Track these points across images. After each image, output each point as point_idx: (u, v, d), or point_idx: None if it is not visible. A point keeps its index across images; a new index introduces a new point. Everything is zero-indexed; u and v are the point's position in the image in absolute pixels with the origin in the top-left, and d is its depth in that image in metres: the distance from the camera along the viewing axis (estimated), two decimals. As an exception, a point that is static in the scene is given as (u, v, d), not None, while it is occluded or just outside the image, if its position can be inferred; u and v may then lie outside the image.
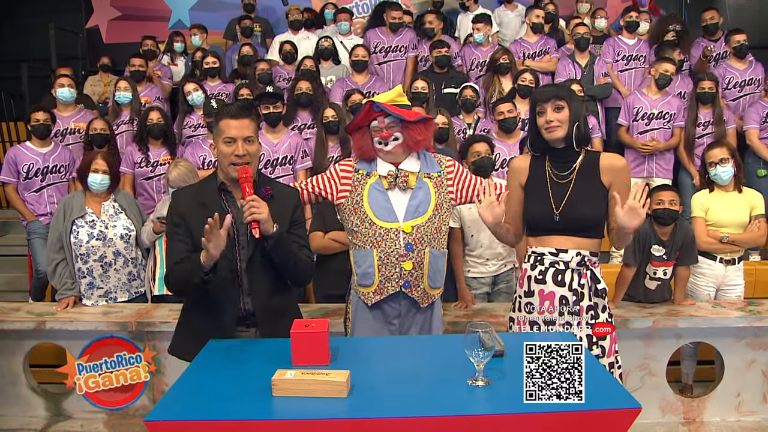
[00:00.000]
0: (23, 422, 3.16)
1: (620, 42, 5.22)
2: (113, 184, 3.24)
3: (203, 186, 2.16)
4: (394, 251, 2.22)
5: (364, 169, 2.32)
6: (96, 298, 3.20)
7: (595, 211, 2.13)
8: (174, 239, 2.08)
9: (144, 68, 5.23)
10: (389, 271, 2.24)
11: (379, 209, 2.25)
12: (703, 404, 3.09)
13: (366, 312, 2.31)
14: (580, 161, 2.16)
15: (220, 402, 1.56)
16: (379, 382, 1.65)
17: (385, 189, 2.27)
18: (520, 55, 5.33)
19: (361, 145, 2.32)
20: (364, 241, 2.27)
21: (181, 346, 2.18)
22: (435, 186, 2.30)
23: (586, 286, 2.13)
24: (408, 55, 5.46)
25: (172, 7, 7.43)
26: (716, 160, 3.32)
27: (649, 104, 4.60)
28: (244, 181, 1.97)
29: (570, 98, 2.14)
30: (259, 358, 1.83)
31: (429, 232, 2.25)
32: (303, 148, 4.25)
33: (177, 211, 2.07)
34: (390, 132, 2.23)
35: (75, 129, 4.58)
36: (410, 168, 2.29)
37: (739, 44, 4.88)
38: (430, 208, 2.27)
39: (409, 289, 2.26)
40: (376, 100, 2.25)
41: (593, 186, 2.13)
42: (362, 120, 2.30)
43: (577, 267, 2.13)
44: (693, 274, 3.38)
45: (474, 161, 3.23)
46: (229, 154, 2.01)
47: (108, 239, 3.16)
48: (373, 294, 2.27)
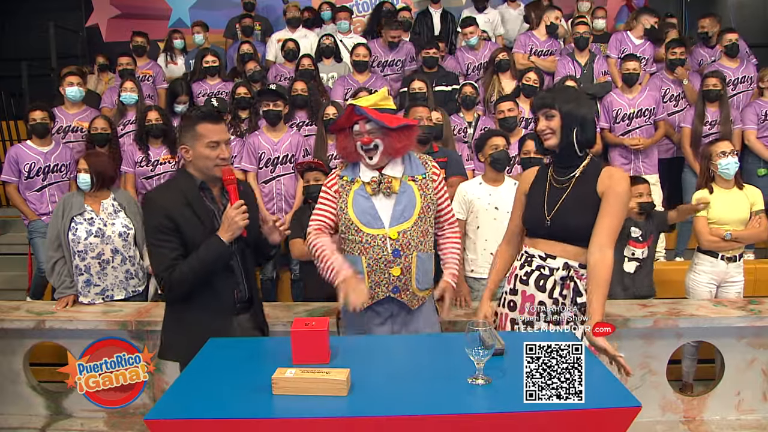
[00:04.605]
0: (23, 421, 3.16)
1: (627, 40, 5.22)
2: (99, 182, 3.20)
3: (178, 186, 2.20)
4: (382, 257, 2.21)
5: (348, 175, 2.30)
6: (93, 296, 3.20)
7: (583, 220, 2.08)
8: (162, 243, 2.11)
9: (132, 66, 5.23)
10: (378, 277, 2.23)
11: (364, 216, 2.23)
12: (703, 403, 3.09)
13: (357, 314, 2.28)
14: (581, 168, 2.12)
15: (220, 400, 1.56)
16: (379, 380, 1.65)
17: (369, 195, 2.25)
18: (528, 49, 5.32)
19: (344, 146, 2.29)
20: (352, 247, 2.26)
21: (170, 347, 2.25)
22: (420, 188, 2.27)
23: (568, 298, 2.10)
24: (406, 68, 5.45)
25: (172, 5, 7.43)
26: (720, 151, 3.32)
27: (627, 104, 4.61)
28: (230, 183, 2.14)
29: (564, 102, 2.09)
30: (259, 356, 1.83)
31: (416, 236, 2.23)
32: (304, 147, 4.25)
33: (164, 214, 2.11)
34: (371, 138, 2.19)
35: (77, 127, 4.58)
36: (394, 173, 2.25)
37: (730, 43, 4.88)
38: (416, 211, 2.23)
39: (398, 294, 2.25)
40: (358, 104, 2.20)
41: (587, 195, 2.09)
42: (344, 122, 2.27)
43: (561, 279, 2.10)
44: (694, 271, 3.40)
45: (492, 153, 3.22)
46: (215, 157, 2.14)
47: (106, 236, 3.16)
48: None
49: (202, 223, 2.14)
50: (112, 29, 7.49)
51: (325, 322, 1.78)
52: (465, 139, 4.47)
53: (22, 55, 6.80)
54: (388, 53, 5.43)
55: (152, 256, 2.17)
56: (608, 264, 2.00)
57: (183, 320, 2.21)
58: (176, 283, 2.10)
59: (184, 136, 2.18)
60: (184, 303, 2.20)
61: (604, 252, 2.01)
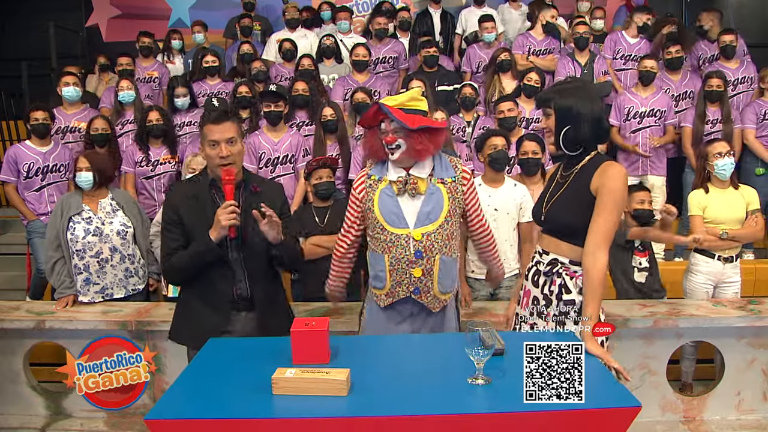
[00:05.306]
0: (23, 421, 3.16)
1: (622, 39, 5.22)
2: (101, 180, 3.21)
3: (196, 181, 2.36)
4: (405, 257, 2.21)
5: (376, 174, 2.31)
6: (92, 295, 3.20)
7: (572, 217, 2.03)
8: (166, 233, 2.28)
9: (131, 67, 5.23)
10: (400, 276, 2.24)
11: (389, 215, 2.24)
12: (703, 403, 3.09)
13: (379, 312, 2.33)
14: (582, 164, 2.07)
15: (220, 400, 1.56)
16: (379, 380, 1.65)
17: (395, 194, 2.25)
18: (526, 49, 5.32)
19: (372, 144, 2.30)
20: (376, 245, 2.28)
21: (178, 331, 2.39)
22: (449, 191, 2.26)
23: (554, 294, 2.07)
24: (399, 67, 5.44)
25: (172, 5, 7.42)
26: (717, 152, 3.32)
27: (640, 102, 4.61)
28: (228, 183, 2.16)
29: (559, 100, 2.04)
30: (259, 356, 1.83)
31: (440, 239, 2.23)
32: (304, 147, 4.25)
33: (172, 207, 2.29)
34: (394, 137, 2.19)
35: (75, 127, 4.58)
36: (420, 174, 2.25)
37: (725, 44, 4.88)
38: (443, 214, 2.23)
39: (419, 295, 2.26)
40: (384, 103, 2.21)
41: (580, 192, 2.03)
42: (371, 120, 2.28)
43: (549, 273, 2.08)
44: (690, 272, 3.40)
45: (490, 153, 3.21)
46: (215, 156, 2.21)
47: (104, 235, 3.16)
48: (385, 296, 2.29)
49: (204, 219, 2.19)
50: (112, 29, 7.49)
51: (325, 322, 1.78)
52: (464, 139, 4.47)
53: (22, 55, 6.79)
54: (378, 49, 5.40)
55: (161, 240, 2.36)
56: (600, 268, 1.94)
57: (188, 309, 2.34)
58: (170, 271, 2.30)
59: (201, 137, 2.31)
60: (188, 293, 2.35)
61: (596, 256, 1.94)
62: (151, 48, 5.71)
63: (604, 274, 1.96)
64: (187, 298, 2.36)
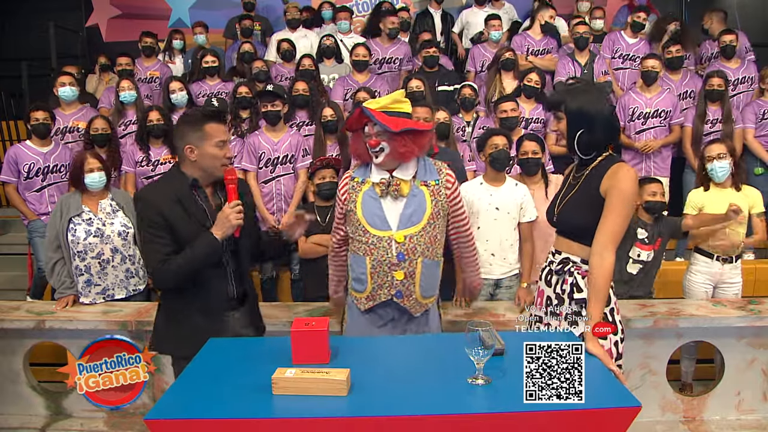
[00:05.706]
0: (23, 421, 3.16)
1: (621, 39, 5.22)
2: (109, 180, 3.26)
3: (170, 184, 2.20)
4: (386, 260, 2.20)
5: (359, 176, 2.31)
6: (94, 296, 3.20)
7: (582, 218, 2.05)
8: (155, 238, 2.13)
9: (131, 67, 5.23)
10: (381, 279, 2.23)
11: (371, 217, 2.23)
12: (703, 403, 3.09)
13: (360, 316, 2.31)
14: (594, 165, 2.08)
15: (220, 400, 1.56)
16: (379, 380, 1.65)
17: (378, 196, 2.24)
18: (524, 50, 5.32)
19: (357, 147, 2.30)
20: (357, 247, 2.27)
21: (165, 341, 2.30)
22: (432, 194, 2.25)
23: (566, 293, 2.09)
24: (402, 68, 5.44)
25: (172, 5, 7.42)
26: (714, 155, 3.33)
27: (644, 103, 4.60)
28: (231, 183, 2.14)
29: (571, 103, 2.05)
30: (259, 356, 1.83)
31: (422, 242, 2.22)
32: (303, 147, 4.24)
33: (156, 211, 2.12)
34: (378, 140, 2.18)
35: (74, 127, 4.58)
36: (404, 176, 2.24)
37: (725, 44, 4.88)
38: (425, 217, 2.22)
39: (401, 299, 2.25)
40: (367, 106, 2.20)
41: (590, 192, 2.05)
42: (355, 123, 2.28)
43: (560, 272, 2.10)
44: (690, 272, 3.40)
45: (491, 153, 3.21)
46: (222, 156, 2.16)
47: (105, 236, 3.16)
48: (365, 300, 2.27)
49: (192, 221, 2.14)
50: (112, 29, 7.49)
51: (325, 322, 1.78)
52: (464, 138, 4.47)
53: (22, 55, 6.80)
54: (386, 49, 5.41)
55: (144, 251, 2.24)
56: (606, 269, 1.95)
57: (174, 315, 2.25)
58: (166, 277, 2.14)
59: (188, 135, 2.16)
60: (176, 298, 2.24)
61: (603, 256, 1.95)
62: (154, 48, 5.71)
63: (610, 274, 1.97)
64: (172, 304, 2.27)
